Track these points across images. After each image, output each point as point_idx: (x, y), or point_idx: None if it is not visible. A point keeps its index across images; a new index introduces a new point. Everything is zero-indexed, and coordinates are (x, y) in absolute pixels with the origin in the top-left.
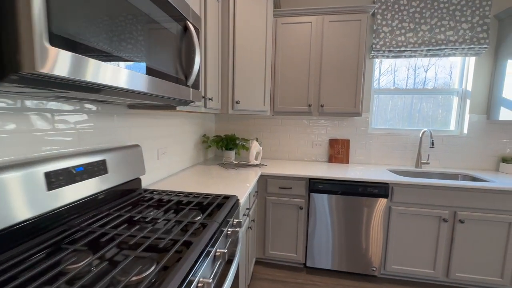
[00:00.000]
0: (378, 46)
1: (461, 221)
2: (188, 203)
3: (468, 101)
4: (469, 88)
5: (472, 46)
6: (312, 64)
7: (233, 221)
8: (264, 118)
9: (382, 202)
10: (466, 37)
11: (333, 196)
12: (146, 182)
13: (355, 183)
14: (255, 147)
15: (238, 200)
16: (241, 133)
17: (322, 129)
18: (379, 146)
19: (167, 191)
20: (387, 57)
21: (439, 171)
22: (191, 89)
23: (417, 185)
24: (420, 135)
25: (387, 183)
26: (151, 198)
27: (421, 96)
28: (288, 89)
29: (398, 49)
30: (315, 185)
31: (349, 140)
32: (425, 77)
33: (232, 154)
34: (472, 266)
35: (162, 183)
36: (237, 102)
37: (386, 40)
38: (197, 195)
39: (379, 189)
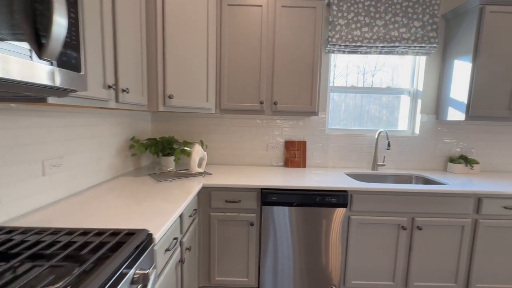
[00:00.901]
0: (334, 40)
1: (419, 228)
2: (63, 247)
3: (420, 101)
4: (420, 88)
5: (423, 44)
6: (264, 56)
7: (140, 269)
8: (212, 117)
9: (341, 212)
10: (418, 35)
11: (289, 208)
12: (14, 212)
13: (312, 192)
14: (197, 152)
15: (150, 236)
16: (185, 135)
17: (277, 130)
18: (336, 148)
19: (34, 228)
20: (343, 52)
21: (395, 173)
22: (57, 68)
23: (376, 192)
24: (376, 136)
25: (346, 191)
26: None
27: (370, 98)
28: (237, 83)
29: (354, 44)
30: (268, 197)
31: (305, 142)
32: (372, 82)
33: (170, 161)
34: (429, 274)
35: (42, 213)
36: (170, 97)
37: (342, 33)
38: (84, 232)
39: (338, 198)
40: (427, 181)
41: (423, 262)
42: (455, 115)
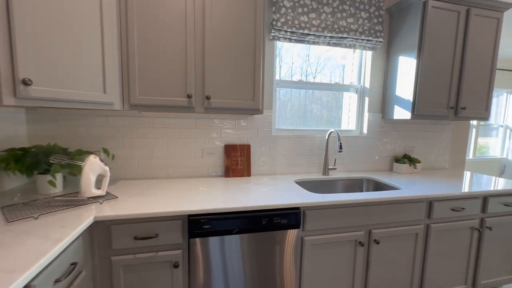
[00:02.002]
0: (279, 24)
1: (377, 242)
2: None
3: (367, 99)
4: (367, 85)
5: (370, 38)
6: (190, 38)
7: None
8: (123, 116)
9: (292, 234)
10: (365, 27)
11: (228, 238)
12: None
13: (257, 214)
14: (92, 166)
15: None
16: (83, 141)
17: (214, 132)
18: (285, 152)
19: None
20: (290, 40)
21: (346, 177)
22: None
23: (332, 206)
24: (327, 137)
25: (298, 208)
26: None
27: (313, 96)
28: (154, 71)
29: (301, 31)
30: (197, 226)
31: (250, 145)
32: (316, 78)
33: (50, 181)
34: None
35: None
36: (25, 82)
37: (288, 17)
38: None
39: (289, 218)
40: (379, 185)
41: (380, 277)
42: (401, 113)
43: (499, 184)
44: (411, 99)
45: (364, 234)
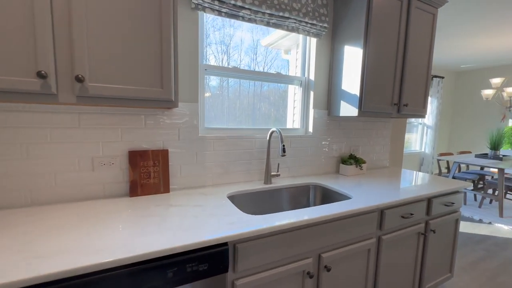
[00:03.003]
0: None
1: (327, 269)
2: None
3: (312, 94)
4: (312, 77)
5: (314, 22)
6: None
7: None
8: None
9: (219, 281)
10: (309, 9)
11: None
12: None
13: (160, 263)
14: None
15: None
16: None
17: (112, 133)
18: (217, 157)
19: None
20: (219, 12)
21: (291, 184)
22: None
23: (272, 233)
24: (268, 138)
25: (225, 244)
26: None
27: (262, 95)
28: None
29: (233, 2)
30: None
31: (167, 150)
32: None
33: None
34: None
35: None
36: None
37: None
38: None
39: (212, 260)
40: (327, 193)
41: None
42: (347, 110)
43: (437, 182)
44: (357, 94)
45: (313, 261)
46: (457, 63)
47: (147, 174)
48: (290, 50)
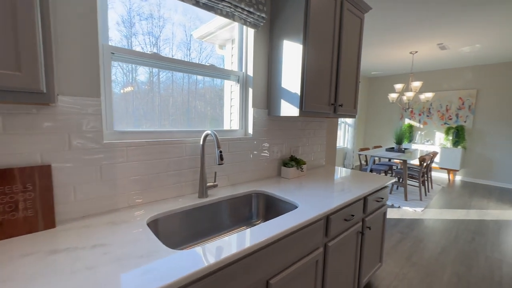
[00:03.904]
0: None
1: None
2: None
3: (251, 91)
4: (251, 73)
5: (251, 9)
6: None
7: None
8: None
9: None
10: None
11: None
12: None
13: None
14: None
15: None
16: None
17: None
18: (135, 170)
19: None
20: None
21: (230, 195)
22: None
23: (208, 273)
24: (202, 142)
25: None
26: None
27: (197, 93)
28: None
29: None
30: None
31: (49, 166)
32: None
33: None
34: None
35: None
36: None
37: None
38: None
39: None
40: (272, 202)
41: None
42: (288, 110)
43: (367, 179)
44: (298, 93)
45: None
46: (369, 69)
47: (12, 205)
48: (225, 45)
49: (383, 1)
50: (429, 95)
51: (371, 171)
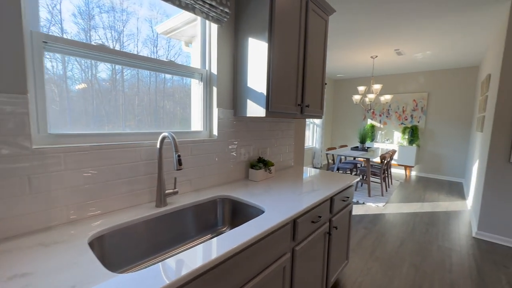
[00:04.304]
0: None
1: None
2: None
3: (215, 90)
4: (215, 71)
5: (213, 3)
6: None
7: None
8: None
9: None
10: None
11: None
12: None
13: None
14: None
15: None
16: None
17: None
18: (76, 179)
19: None
20: None
21: (193, 202)
22: None
23: None
24: (159, 145)
25: None
26: None
27: (166, 93)
28: None
29: None
30: None
31: None
32: (165, 77)
33: None
34: None
35: None
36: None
37: None
38: None
39: None
40: (238, 207)
41: None
42: (254, 110)
43: (333, 178)
44: (264, 93)
45: None
46: (335, 72)
47: None
48: (192, 42)
49: (346, 5)
50: (388, 97)
51: (338, 169)
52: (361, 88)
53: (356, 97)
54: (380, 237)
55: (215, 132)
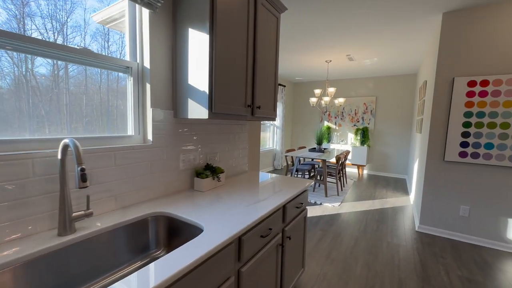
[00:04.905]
0: None
1: None
2: None
3: (149, 87)
4: (148, 64)
5: None
6: None
7: None
8: None
9: None
10: None
11: None
12: None
13: None
14: None
15: None
16: None
17: None
18: None
19: None
20: None
21: (115, 224)
22: None
23: None
24: (60, 156)
25: None
26: None
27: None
28: None
29: None
30: None
31: None
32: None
33: None
34: None
35: None
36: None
37: None
38: None
39: None
40: (174, 225)
41: None
42: (196, 111)
43: (288, 184)
44: (207, 92)
45: None
46: (293, 75)
47: None
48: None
49: (302, 7)
50: (341, 100)
51: (297, 171)
52: (317, 91)
53: (313, 100)
54: (335, 237)
55: (150, 137)
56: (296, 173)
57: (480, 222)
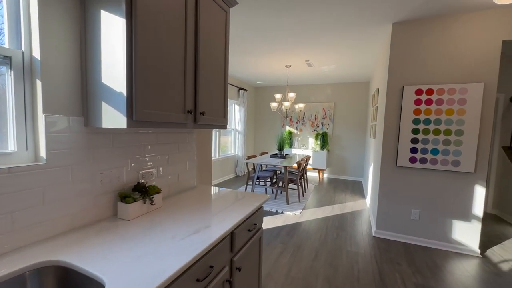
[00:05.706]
0: None
1: None
2: None
3: (40, 85)
4: (38, 55)
5: None
6: None
7: None
8: None
9: None
10: None
11: None
12: None
13: None
14: None
15: None
16: None
17: None
18: None
19: None
20: None
21: None
22: None
23: None
24: None
25: None
26: None
27: None
28: None
29: None
30: None
31: None
32: None
33: None
34: None
35: None
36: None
37: None
38: None
39: None
40: (70, 277)
41: None
42: (112, 118)
43: (241, 201)
44: (124, 92)
45: None
46: (254, 79)
47: None
48: None
49: (259, 2)
50: (301, 105)
51: (258, 178)
52: (278, 96)
53: (274, 105)
54: (296, 251)
55: (42, 153)
56: (257, 180)
57: (429, 224)
